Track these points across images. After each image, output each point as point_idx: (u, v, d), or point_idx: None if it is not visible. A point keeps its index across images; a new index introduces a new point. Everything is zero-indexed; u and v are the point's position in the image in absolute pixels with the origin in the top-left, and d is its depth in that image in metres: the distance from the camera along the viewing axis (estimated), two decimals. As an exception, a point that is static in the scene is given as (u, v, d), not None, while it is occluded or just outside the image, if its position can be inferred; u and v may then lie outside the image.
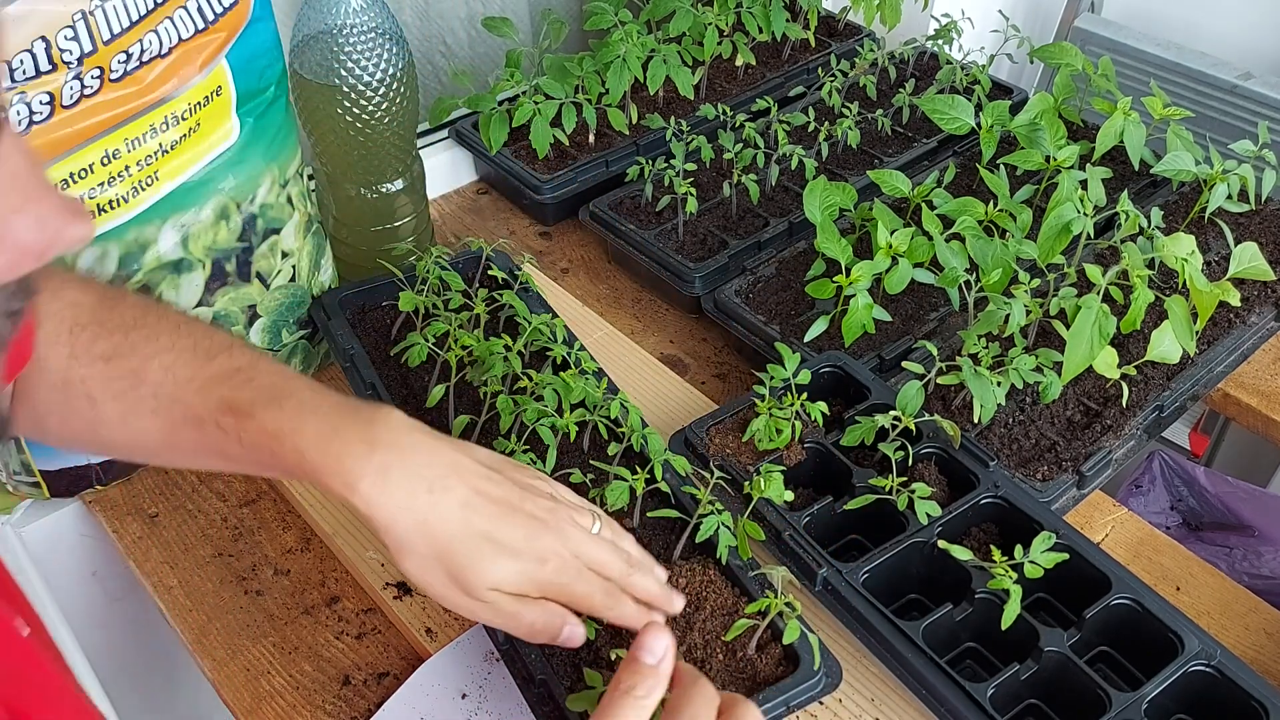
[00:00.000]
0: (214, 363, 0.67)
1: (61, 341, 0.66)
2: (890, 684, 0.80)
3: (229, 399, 0.66)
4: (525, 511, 0.67)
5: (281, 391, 0.66)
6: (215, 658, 0.85)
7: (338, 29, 0.93)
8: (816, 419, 0.89)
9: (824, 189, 1.06)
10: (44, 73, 0.71)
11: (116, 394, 0.66)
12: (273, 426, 0.64)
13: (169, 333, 0.68)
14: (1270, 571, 1.38)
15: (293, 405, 0.66)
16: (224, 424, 0.65)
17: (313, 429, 0.64)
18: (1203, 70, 1.49)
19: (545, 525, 0.67)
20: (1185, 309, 0.95)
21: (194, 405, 0.66)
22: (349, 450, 0.64)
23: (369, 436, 0.64)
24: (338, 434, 0.64)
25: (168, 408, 0.66)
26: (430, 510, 0.64)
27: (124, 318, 0.68)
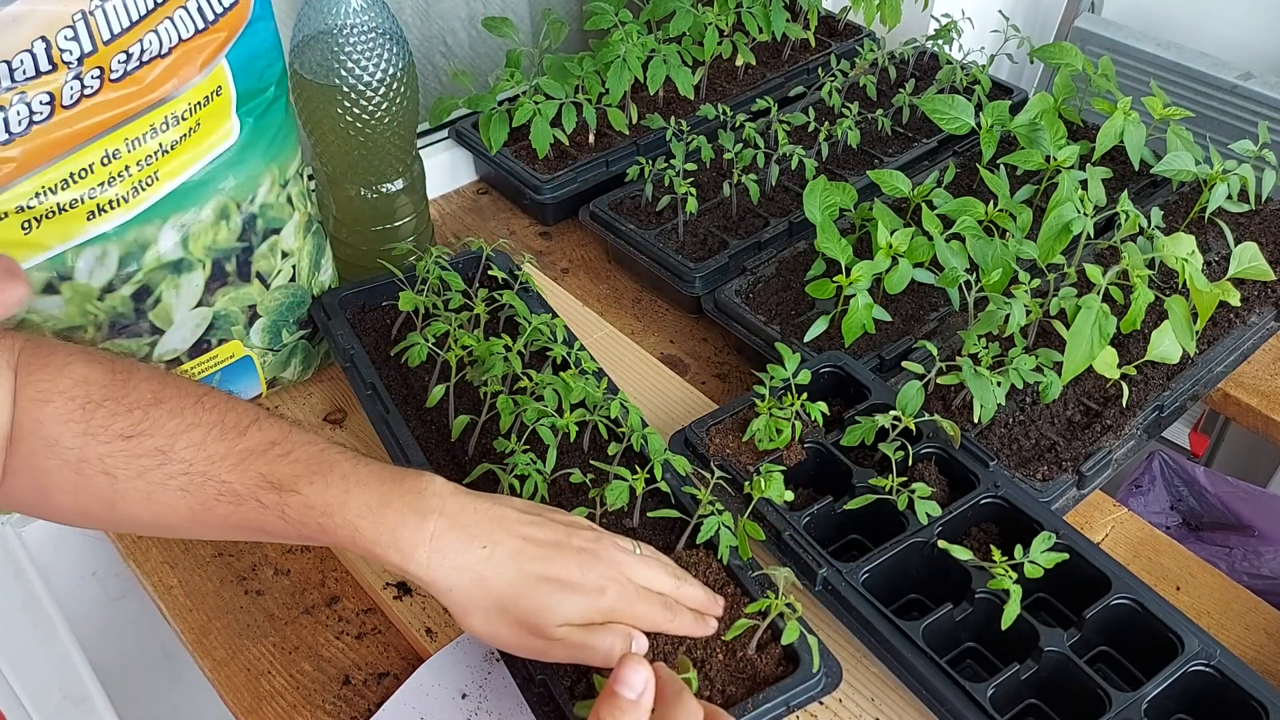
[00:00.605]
0: (246, 438, 0.66)
1: (75, 419, 0.64)
2: (890, 684, 0.80)
3: (268, 475, 0.65)
4: (573, 547, 0.70)
5: (322, 464, 0.66)
6: (215, 658, 0.85)
7: (338, 29, 0.93)
8: (816, 419, 0.89)
9: (824, 189, 1.06)
10: (44, 73, 0.71)
11: (139, 471, 0.64)
12: (319, 502, 0.65)
13: (192, 408, 0.66)
14: (1270, 571, 1.38)
15: (337, 479, 0.66)
16: (265, 500, 0.65)
17: (361, 502, 0.65)
18: (1203, 70, 1.49)
19: (595, 555, 0.70)
20: (1185, 309, 0.95)
21: (230, 482, 0.65)
22: (403, 522, 0.65)
23: (419, 507, 0.66)
24: (389, 507, 0.66)
25: (200, 485, 0.65)
26: (485, 565, 0.67)
27: (142, 394, 0.66)
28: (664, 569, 0.74)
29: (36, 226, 0.77)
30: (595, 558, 0.70)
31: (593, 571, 0.69)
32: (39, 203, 0.76)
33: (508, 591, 0.67)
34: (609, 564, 0.71)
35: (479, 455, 0.90)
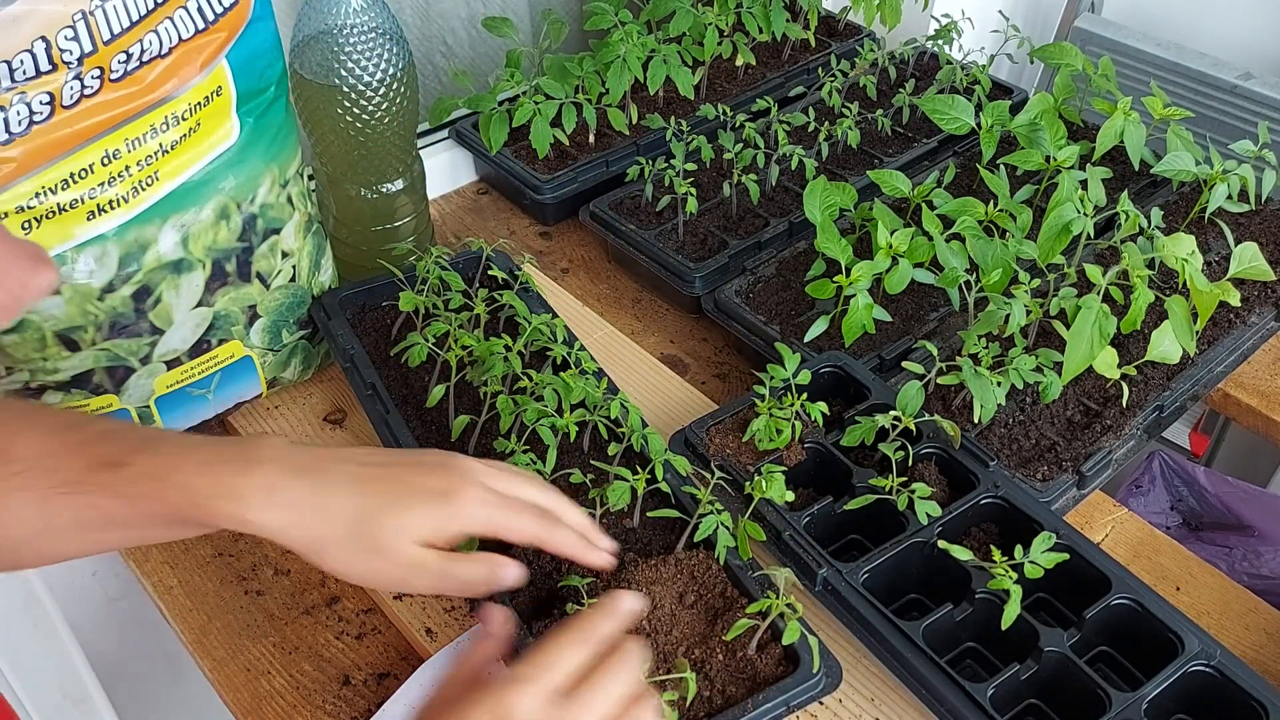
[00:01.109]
0: (80, 429, 0.66)
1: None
2: (890, 684, 0.80)
3: (102, 455, 0.64)
4: (416, 461, 0.67)
5: (153, 439, 0.66)
6: (215, 658, 0.85)
7: (338, 29, 0.93)
8: (816, 419, 0.89)
9: (824, 189, 1.06)
10: (44, 73, 0.71)
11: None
12: (152, 468, 0.63)
13: (27, 413, 0.66)
14: (1270, 571, 1.38)
15: (168, 447, 0.65)
16: (102, 479, 0.63)
17: (194, 461, 0.64)
18: (1203, 70, 1.49)
19: (443, 464, 0.67)
20: (1185, 309, 0.95)
21: (67, 471, 0.63)
22: (235, 471, 0.64)
23: (251, 456, 0.64)
24: (221, 460, 0.64)
25: (38, 478, 0.63)
26: (320, 495, 0.64)
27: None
28: (532, 481, 0.70)
29: (36, 226, 0.76)
30: (443, 466, 0.67)
31: (441, 479, 0.66)
32: (39, 203, 0.76)
33: (349, 515, 0.64)
34: (461, 471, 0.67)
35: (479, 455, 0.90)
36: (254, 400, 1.01)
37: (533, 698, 0.59)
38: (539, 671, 0.60)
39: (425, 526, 0.65)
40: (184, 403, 0.94)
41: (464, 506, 0.66)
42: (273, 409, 1.02)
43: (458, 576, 0.66)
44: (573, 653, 0.61)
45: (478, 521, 0.66)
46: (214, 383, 0.95)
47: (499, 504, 0.67)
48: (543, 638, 0.63)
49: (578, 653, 0.62)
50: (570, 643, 0.62)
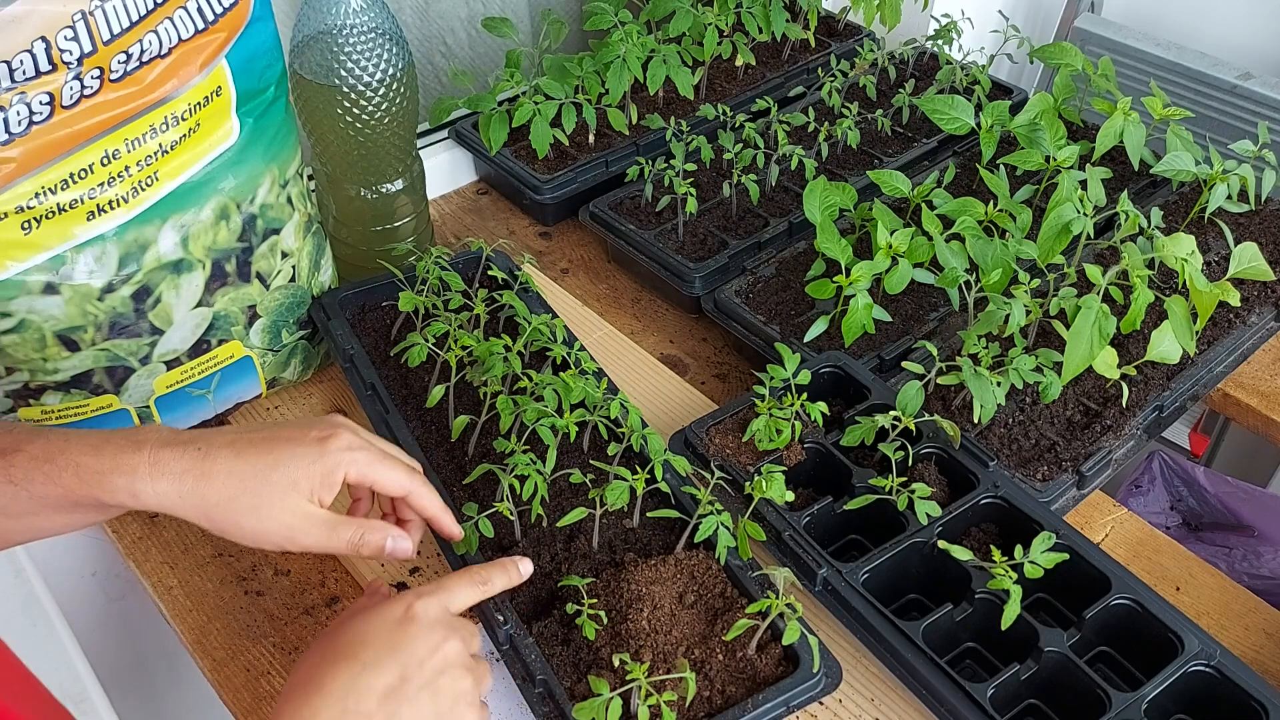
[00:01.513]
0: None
1: None
2: (890, 684, 0.80)
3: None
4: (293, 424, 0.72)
5: (42, 431, 0.69)
6: (215, 658, 0.85)
7: (338, 29, 0.93)
8: (816, 419, 0.89)
9: (824, 189, 1.06)
10: (44, 73, 0.71)
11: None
12: (41, 452, 0.66)
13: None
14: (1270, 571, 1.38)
15: (57, 435, 0.68)
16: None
17: (83, 444, 0.67)
18: (1203, 70, 1.49)
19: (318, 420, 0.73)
20: (1185, 309, 0.95)
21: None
22: (121, 449, 0.67)
23: (135, 437, 0.68)
24: (108, 442, 0.67)
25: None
26: (203, 462, 0.67)
27: None
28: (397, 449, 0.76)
29: (36, 226, 0.76)
30: (318, 421, 0.73)
31: (315, 430, 0.71)
32: (39, 203, 0.76)
33: (233, 478, 0.67)
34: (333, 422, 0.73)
35: (479, 455, 0.91)
36: (254, 400, 1.01)
37: (436, 607, 0.68)
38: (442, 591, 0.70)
39: (305, 477, 0.69)
40: (184, 403, 0.94)
41: (338, 453, 0.70)
42: (272, 409, 1.02)
43: (342, 536, 0.71)
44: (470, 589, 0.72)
45: (353, 467, 0.71)
46: (214, 383, 0.95)
47: (371, 451, 0.72)
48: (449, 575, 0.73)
49: (473, 590, 0.72)
50: (469, 581, 0.72)
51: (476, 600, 0.73)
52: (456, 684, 0.67)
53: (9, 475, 0.66)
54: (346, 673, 0.64)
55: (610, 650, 0.75)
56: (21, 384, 0.85)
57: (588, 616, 0.74)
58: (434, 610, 0.68)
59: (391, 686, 0.64)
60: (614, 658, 0.71)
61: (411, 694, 0.64)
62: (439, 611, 0.69)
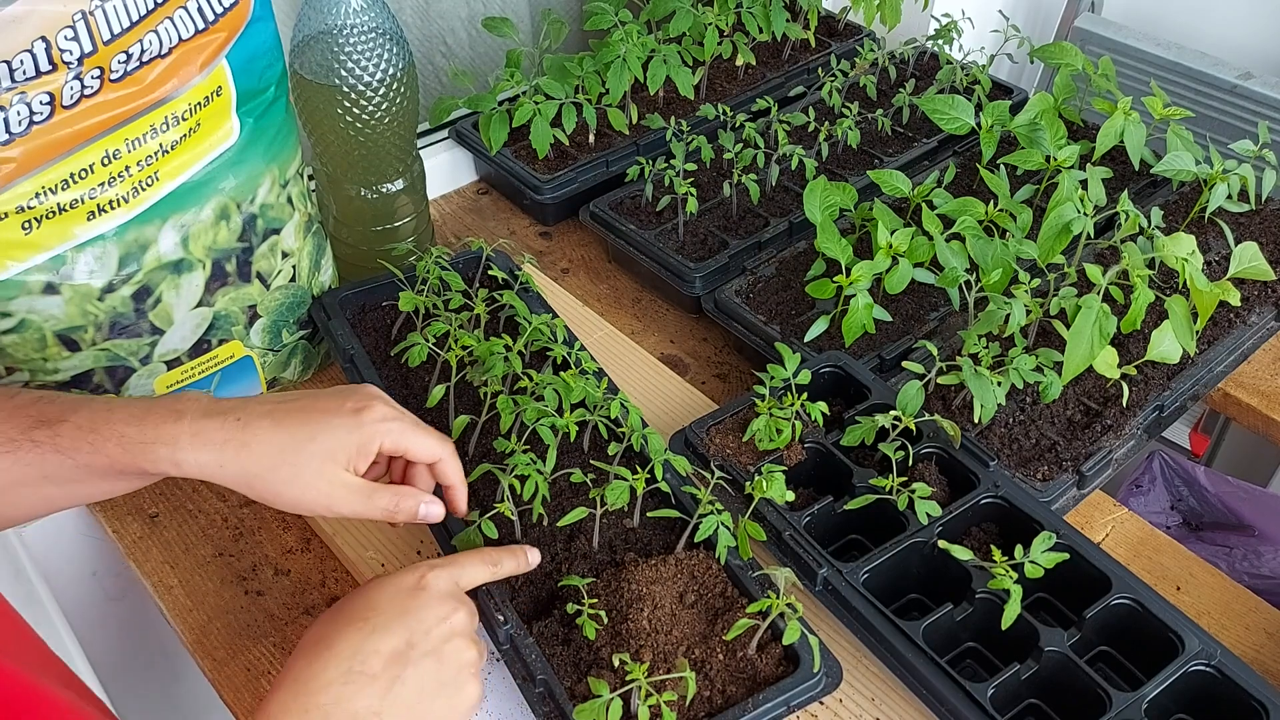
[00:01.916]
0: (16, 398, 0.71)
1: None
2: (890, 684, 0.80)
3: (37, 415, 0.69)
4: (327, 393, 0.75)
5: (86, 400, 0.71)
6: (215, 658, 0.85)
7: (338, 29, 0.93)
8: (816, 419, 0.89)
9: (824, 189, 1.06)
10: (44, 73, 0.71)
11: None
12: (86, 423, 0.69)
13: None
14: (1270, 571, 1.38)
15: (100, 404, 0.70)
16: (38, 437, 0.68)
17: (125, 414, 0.69)
18: (1203, 70, 1.49)
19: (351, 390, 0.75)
20: (1185, 309, 0.95)
21: (4, 431, 0.68)
22: (163, 420, 0.69)
23: (176, 408, 0.70)
24: (150, 413, 0.70)
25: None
26: (243, 432, 0.70)
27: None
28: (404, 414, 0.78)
29: (36, 226, 0.77)
30: (352, 391, 0.75)
31: (351, 401, 0.73)
32: (39, 203, 0.76)
33: (272, 448, 0.70)
34: (366, 393, 0.75)
35: (479, 455, 0.91)
36: (254, 400, 1.01)
37: (447, 579, 0.70)
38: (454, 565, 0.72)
39: (342, 447, 0.72)
40: (184, 403, 0.94)
41: (373, 424, 0.73)
42: (273, 409, 1.02)
43: (377, 503, 0.73)
44: (481, 567, 0.74)
45: (388, 437, 0.73)
46: (214, 383, 0.95)
47: (404, 420, 0.75)
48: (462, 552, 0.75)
49: (484, 569, 0.74)
50: (482, 560, 0.74)
51: (486, 580, 0.75)
52: (461, 654, 0.68)
53: (56, 444, 0.68)
54: (356, 634, 0.66)
55: (610, 650, 0.75)
56: (22, 384, 0.85)
57: (588, 616, 0.74)
58: (445, 582, 0.70)
59: (398, 650, 0.66)
60: (614, 658, 0.71)
61: (416, 658, 0.66)
62: (449, 584, 0.71)
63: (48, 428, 0.69)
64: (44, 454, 0.68)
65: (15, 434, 0.68)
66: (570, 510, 0.80)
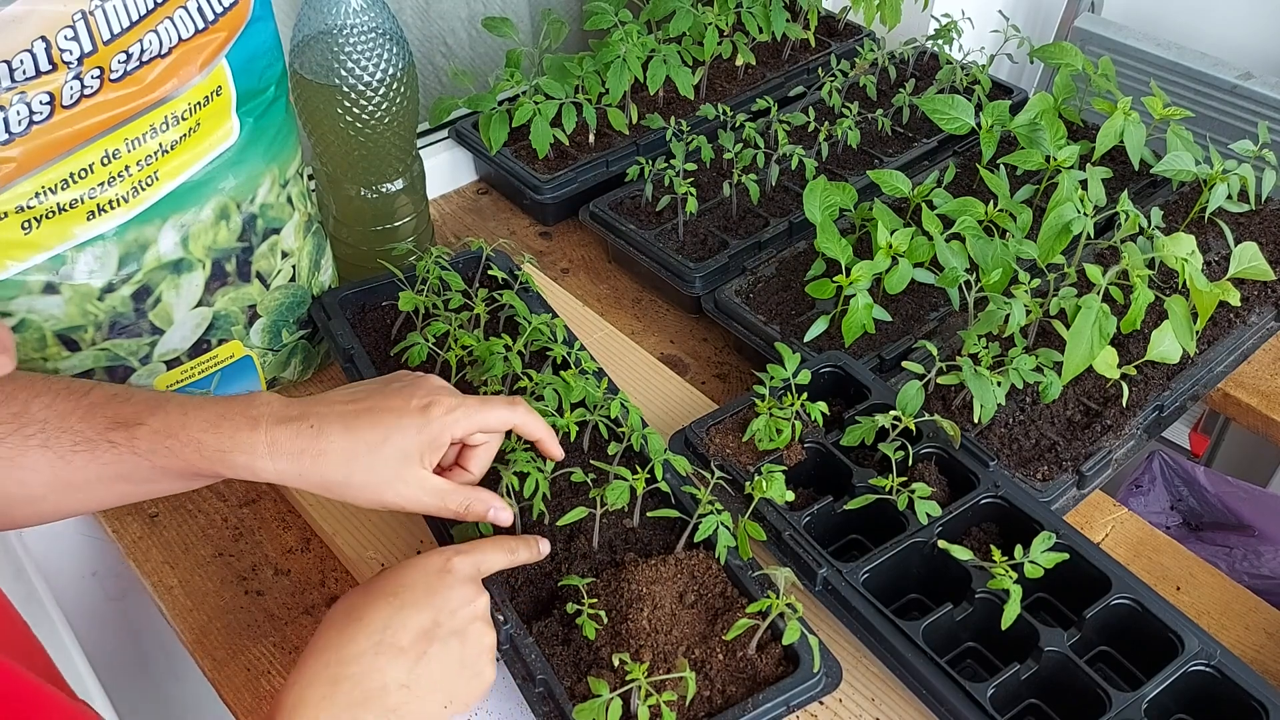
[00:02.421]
0: (90, 395, 0.72)
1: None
2: (890, 684, 0.80)
3: (114, 416, 0.70)
4: (392, 391, 0.76)
5: (161, 400, 0.72)
6: (215, 658, 0.85)
7: (338, 29, 0.93)
8: (816, 419, 0.89)
9: (824, 189, 1.06)
10: (44, 73, 0.71)
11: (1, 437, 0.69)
12: (163, 427, 0.70)
13: (40, 380, 0.72)
14: (1270, 571, 1.38)
15: (175, 408, 0.71)
16: (116, 439, 0.70)
17: (201, 419, 0.71)
18: (1203, 70, 1.49)
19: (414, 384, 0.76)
20: (1185, 309, 0.95)
21: (82, 430, 0.70)
22: (239, 427, 0.71)
23: (251, 414, 0.72)
24: (225, 419, 0.71)
25: (56, 438, 0.70)
26: (317, 439, 0.71)
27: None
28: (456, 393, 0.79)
29: (36, 226, 0.77)
30: (415, 384, 0.76)
31: (417, 398, 0.74)
32: (39, 203, 0.76)
33: (347, 454, 0.71)
34: (429, 386, 0.76)
35: (479, 455, 0.90)
36: (254, 400, 1.01)
37: (470, 565, 0.73)
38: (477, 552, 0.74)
39: (415, 446, 0.73)
40: (184, 403, 0.94)
41: (441, 419, 0.74)
42: (273, 409, 1.02)
43: (451, 503, 0.75)
44: (501, 555, 0.76)
45: (457, 426, 0.75)
46: (214, 383, 0.95)
47: (468, 404, 0.76)
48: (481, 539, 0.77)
49: (503, 557, 0.76)
50: (501, 548, 0.76)
51: (504, 566, 0.77)
52: (483, 637, 0.71)
53: (133, 448, 0.70)
54: (387, 608, 0.68)
55: (610, 650, 0.75)
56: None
57: (588, 616, 0.74)
58: (468, 568, 0.73)
59: (425, 627, 0.68)
60: (614, 657, 0.71)
61: (443, 636, 0.68)
62: (473, 570, 0.73)
63: (125, 430, 0.70)
64: (121, 455, 0.70)
65: (92, 434, 0.70)
66: (570, 510, 0.80)
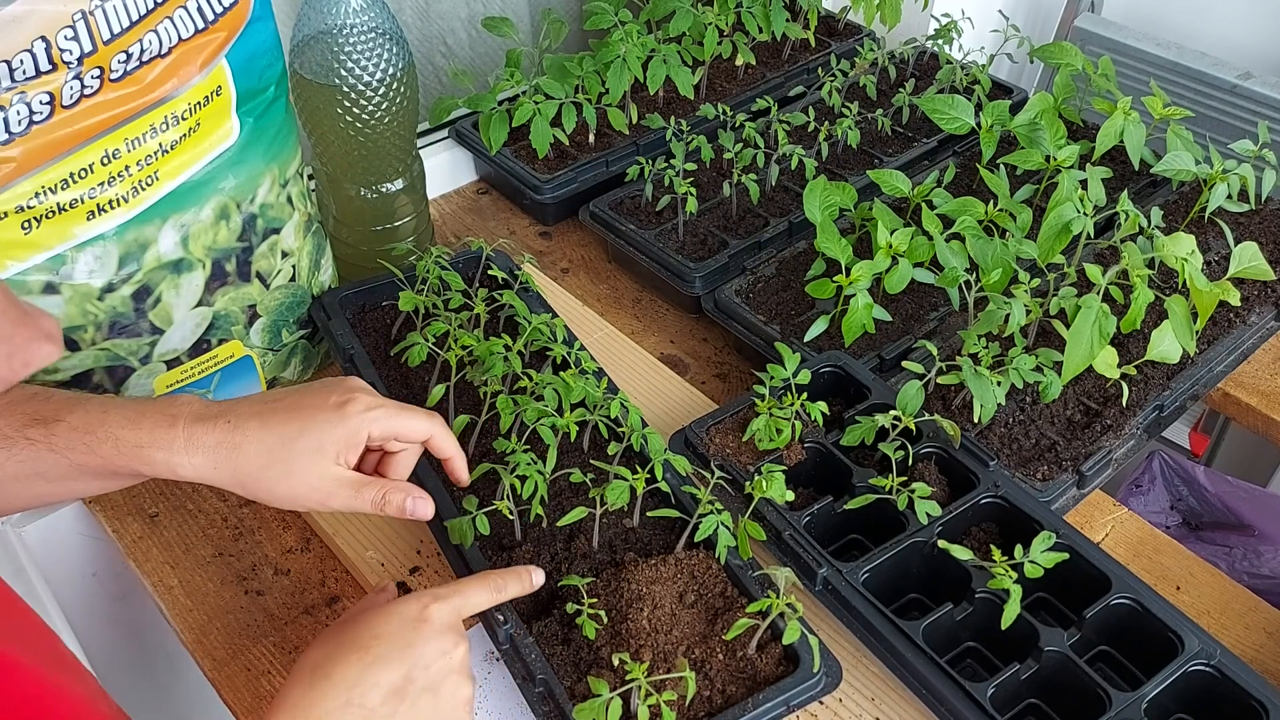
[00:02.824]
0: (10, 394, 0.71)
1: None
2: (890, 684, 0.80)
3: (33, 413, 0.70)
4: (311, 390, 0.75)
5: (81, 399, 0.72)
6: (215, 658, 0.85)
7: (338, 29, 0.93)
8: (816, 419, 0.89)
9: (824, 189, 1.06)
10: (44, 73, 0.71)
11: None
12: (81, 424, 0.70)
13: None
14: (1270, 571, 1.38)
15: (95, 406, 0.71)
16: (33, 435, 0.70)
17: (120, 416, 0.71)
18: (1203, 70, 1.49)
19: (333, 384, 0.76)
20: (1185, 309, 0.95)
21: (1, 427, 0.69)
22: (158, 424, 0.71)
23: (170, 411, 0.72)
24: (144, 415, 0.71)
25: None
26: (234, 434, 0.71)
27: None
28: None
29: (36, 226, 0.77)
30: (334, 385, 0.76)
31: (335, 395, 0.74)
32: (39, 203, 0.76)
33: (263, 448, 0.71)
34: (349, 385, 0.76)
35: (479, 455, 0.91)
36: (254, 400, 1.01)
37: (449, 612, 0.69)
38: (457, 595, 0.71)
39: (330, 441, 0.72)
40: (184, 403, 0.94)
41: (358, 415, 0.74)
42: (273, 409, 1.02)
43: (366, 496, 0.74)
44: (484, 594, 0.73)
45: (375, 425, 0.74)
46: (214, 382, 0.95)
47: (389, 407, 0.75)
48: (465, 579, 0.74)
49: (488, 596, 0.73)
50: (485, 586, 0.73)
51: (489, 605, 0.74)
52: (458, 691, 0.68)
53: (50, 444, 0.69)
54: (357, 664, 0.65)
55: (610, 650, 0.75)
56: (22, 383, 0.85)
57: (588, 616, 0.74)
58: (448, 615, 0.69)
59: (396, 685, 0.65)
60: (614, 657, 0.71)
61: (414, 694, 0.66)
62: (452, 616, 0.70)
63: (43, 426, 0.69)
64: (38, 452, 0.69)
65: (10, 431, 0.69)
66: (570, 510, 0.80)
